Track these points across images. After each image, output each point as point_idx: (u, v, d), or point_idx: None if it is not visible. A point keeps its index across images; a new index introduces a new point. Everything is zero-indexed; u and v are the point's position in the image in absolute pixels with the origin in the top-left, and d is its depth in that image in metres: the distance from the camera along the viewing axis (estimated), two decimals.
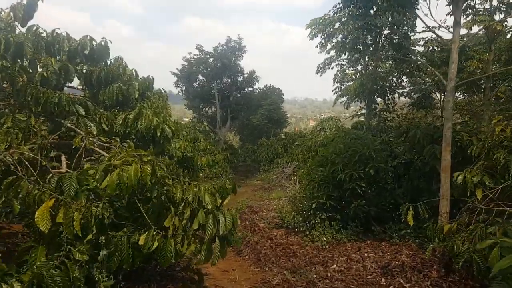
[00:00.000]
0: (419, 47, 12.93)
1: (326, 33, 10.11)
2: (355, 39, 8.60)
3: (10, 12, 4.96)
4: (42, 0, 4.98)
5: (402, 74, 12.03)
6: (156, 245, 3.49)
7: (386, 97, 12.05)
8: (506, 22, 10.39)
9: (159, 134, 4.75)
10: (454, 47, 7.52)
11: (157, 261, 3.65)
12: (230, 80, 33.66)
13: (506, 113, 12.08)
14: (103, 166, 3.56)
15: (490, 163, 6.75)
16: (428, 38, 11.81)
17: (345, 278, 7.04)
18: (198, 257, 3.91)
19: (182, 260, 5.51)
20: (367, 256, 7.96)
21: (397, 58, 10.34)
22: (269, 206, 14.20)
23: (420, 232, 8.93)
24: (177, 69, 32.61)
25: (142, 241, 3.47)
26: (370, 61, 11.88)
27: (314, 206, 9.52)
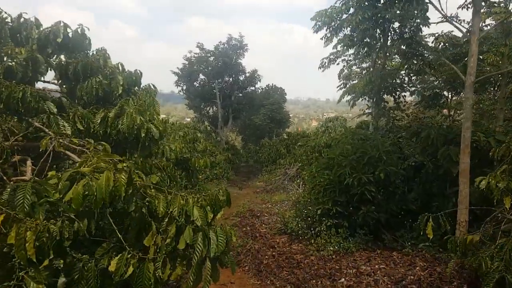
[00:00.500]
0: (428, 44, 12.27)
1: (332, 26, 9.44)
2: (364, 31, 7.95)
3: None
4: None
5: (412, 71, 11.34)
6: (130, 271, 2.86)
7: (396, 95, 11.36)
8: None
9: (144, 135, 4.11)
10: (473, 39, 6.84)
11: None
12: (231, 79, 33.01)
13: None
14: (68, 174, 2.92)
15: None
16: (438, 33, 11.15)
17: None
18: (186, 282, 3.27)
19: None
20: (378, 268, 7.30)
21: (408, 53, 9.66)
22: (271, 209, 13.56)
23: (434, 241, 8.29)
24: (177, 68, 32.03)
25: (113, 266, 2.84)
26: (379, 56, 11.19)
27: (319, 212, 8.86)
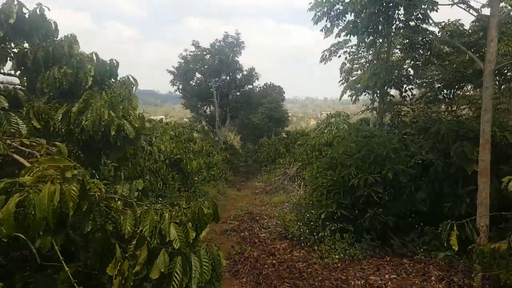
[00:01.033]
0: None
1: (331, 15, 8.75)
2: (370, 16, 7.25)
3: None
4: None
5: (418, 62, 10.63)
6: None
7: (403, 88, 10.64)
8: None
9: (114, 133, 3.41)
10: (493, 22, 6.15)
11: None
12: (228, 77, 32.31)
13: None
14: (1, 185, 2.23)
15: None
16: (445, 22, 10.45)
17: None
18: None
19: None
20: (389, 278, 6.61)
21: (413, 43, 8.96)
22: (271, 212, 12.86)
23: (448, 246, 7.61)
24: (173, 66, 31.31)
25: None
26: (382, 47, 10.50)
27: (323, 216, 8.18)
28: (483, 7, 7.35)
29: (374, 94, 11.00)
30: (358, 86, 11.03)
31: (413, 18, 8.04)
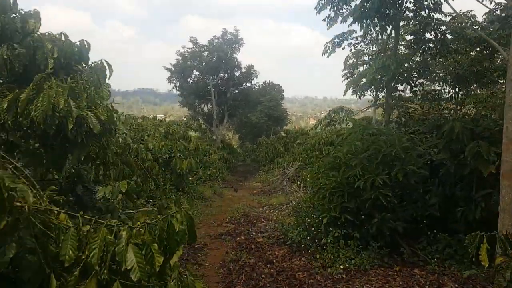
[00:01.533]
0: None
1: (335, 2, 8.05)
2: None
3: None
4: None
5: (429, 55, 9.93)
6: None
7: (413, 82, 9.92)
8: None
9: (72, 126, 2.73)
10: None
11: None
12: (226, 75, 31.65)
13: None
14: None
15: None
16: (455, 14, 9.78)
17: None
18: None
19: None
20: None
21: (423, 34, 8.27)
22: (268, 214, 12.19)
23: (462, 253, 6.95)
24: (170, 64, 30.64)
25: None
26: (390, 38, 9.81)
27: (325, 221, 7.50)
28: None
29: (379, 90, 10.32)
30: (364, 81, 10.34)
31: (424, 6, 7.36)
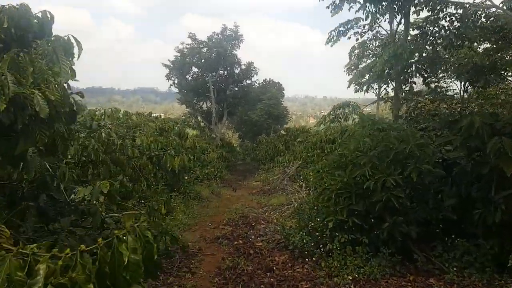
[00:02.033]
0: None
1: None
2: None
3: None
4: None
5: (440, 46, 9.22)
6: None
7: (426, 73, 9.15)
8: None
9: (5, 107, 2.05)
10: None
11: None
12: (226, 72, 30.96)
13: None
14: None
15: None
16: (470, 2, 9.10)
17: None
18: None
19: None
20: None
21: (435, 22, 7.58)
22: (268, 216, 11.51)
23: (482, 260, 6.27)
24: (168, 60, 29.93)
25: None
26: (399, 28, 9.13)
27: (331, 225, 6.82)
28: None
29: (388, 83, 9.56)
30: (372, 73, 9.58)
31: None
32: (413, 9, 9.07)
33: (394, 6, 7.15)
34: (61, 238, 5.83)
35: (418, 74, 9.19)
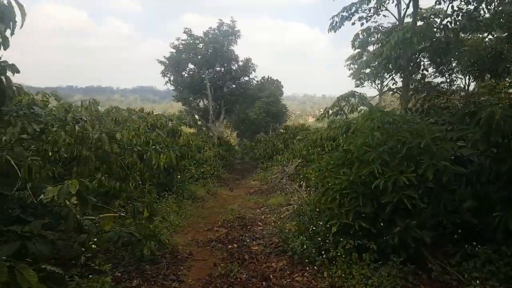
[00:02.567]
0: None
1: None
2: None
3: None
4: None
5: (453, 31, 8.37)
6: None
7: (439, 60, 8.34)
8: None
9: None
10: None
11: None
12: (223, 68, 30.19)
13: None
14: None
15: None
16: None
17: None
18: None
19: None
20: None
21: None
22: (266, 217, 10.79)
23: (505, 270, 5.55)
24: (164, 56, 29.15)
25: None
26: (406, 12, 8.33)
27: (334, 229, 6.08)
28: None
29: (396, 71, 8.71)
30: (378, 61, 8.80)
31: None
32: None
33: None
34: (30, 243, 5.02)
35: (430, 62, 8.45)
